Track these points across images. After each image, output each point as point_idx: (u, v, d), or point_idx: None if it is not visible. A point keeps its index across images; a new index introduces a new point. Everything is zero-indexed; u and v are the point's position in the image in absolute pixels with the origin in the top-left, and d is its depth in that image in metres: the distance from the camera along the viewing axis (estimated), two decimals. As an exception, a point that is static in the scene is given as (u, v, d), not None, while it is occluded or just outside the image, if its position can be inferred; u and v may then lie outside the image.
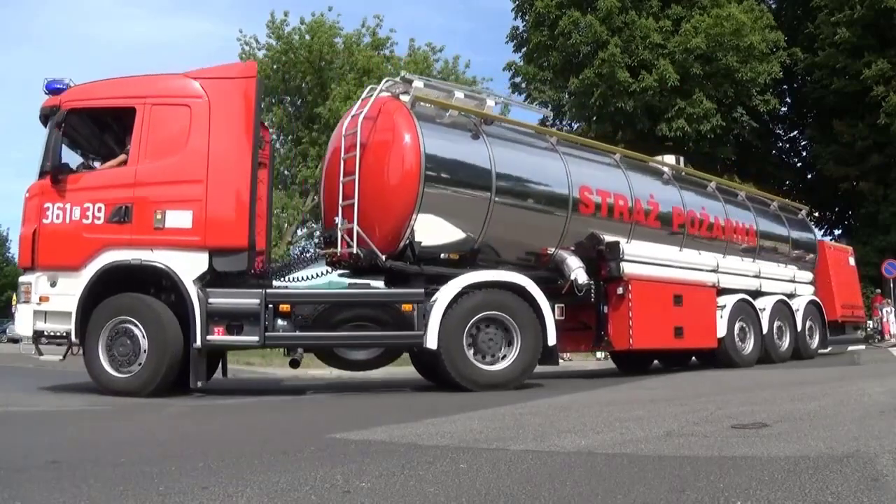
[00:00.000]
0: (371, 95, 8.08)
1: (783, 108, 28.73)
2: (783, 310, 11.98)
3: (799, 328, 12.26)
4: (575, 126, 26.32)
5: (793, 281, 12.69)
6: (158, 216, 6.86)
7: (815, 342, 12.94)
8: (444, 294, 7.31)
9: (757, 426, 4.24)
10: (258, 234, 7.72)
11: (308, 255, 8.68)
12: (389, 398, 8.01)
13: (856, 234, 27.71)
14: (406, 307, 7.36)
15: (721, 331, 10.50)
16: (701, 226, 10.88)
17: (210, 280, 7.04)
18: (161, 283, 6.99)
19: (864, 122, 24.04)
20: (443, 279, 7.51)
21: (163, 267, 6.84)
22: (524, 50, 26.69)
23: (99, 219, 6.86)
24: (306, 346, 7.56)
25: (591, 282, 8.93)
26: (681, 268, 10.11)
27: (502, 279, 7.64)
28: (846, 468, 3.01)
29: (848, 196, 26.93)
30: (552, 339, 7.66)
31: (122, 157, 7.21)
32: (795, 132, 31.15)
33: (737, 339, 10.83)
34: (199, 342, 6.77)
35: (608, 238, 9.17)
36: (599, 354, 18.87)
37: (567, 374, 12.54)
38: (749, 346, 11.07)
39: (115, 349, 6.86)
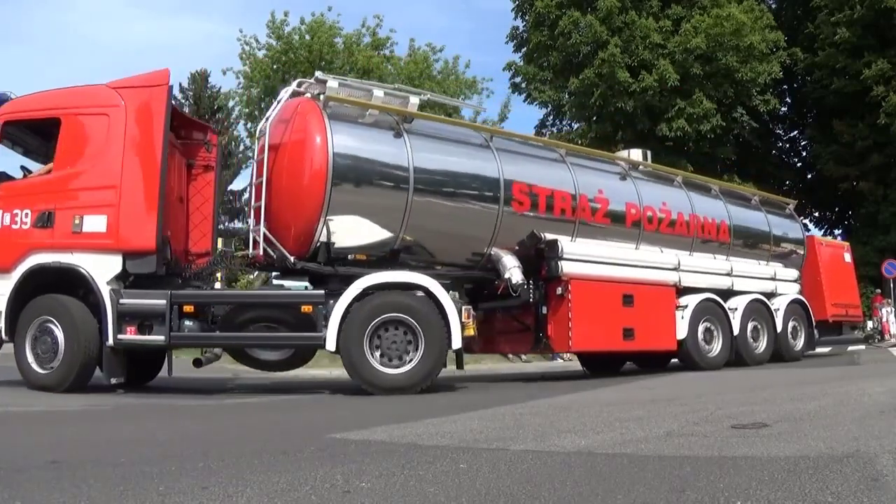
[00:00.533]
0: (283, 98, 8.19)
1: (783, 108, 28.74)
2: (760, 310, 11.35)
3: (779, 329, 11.61)
4: (575, 126, 26.33)
5: (773, 279, 12.07)
6: (77, 221, 7.18)
7: (800, 343, 12.26)
8: (345, 296, 7.19)
9: (757, 426, 4.24)
10: (203, 236, 8.14)
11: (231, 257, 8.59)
12: (389, 398, 8.00)
13: (856, 234, 27.71)
14: (306, 308, 7.34)
15: (681, 332, 9.98)
16: (661, 222, 10.39)
17: (138, 281, 7.31)
18: (80, 284, 7.25)
19: (864, 122, 24.05)
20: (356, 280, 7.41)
21: (78, 269, 7.13)
22: (524, 50, 26.69)
23: (26, 224, 7.24)
24: (211, 346, 7.76)
25: (525, 281, 8.51)
26: (633, 266, 9.63)
27: (403, 280, 7.41)
28: (846, 468, 3.01)
29: (848, 196, 26.95)
30: (457, 342, 7.31)
31: (49, 165, 7.59)
32: (795, 132, 31.19)
33: (701, 340, 10.30)
34: (111, 341, 7.05)
35: (550, 236, 8.84)
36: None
37: (567, 375, 12.54)
38: (716, 347, 10.52)
39: (38, 347, 7.22)
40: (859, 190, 25.53)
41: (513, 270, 8.36)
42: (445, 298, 7.32)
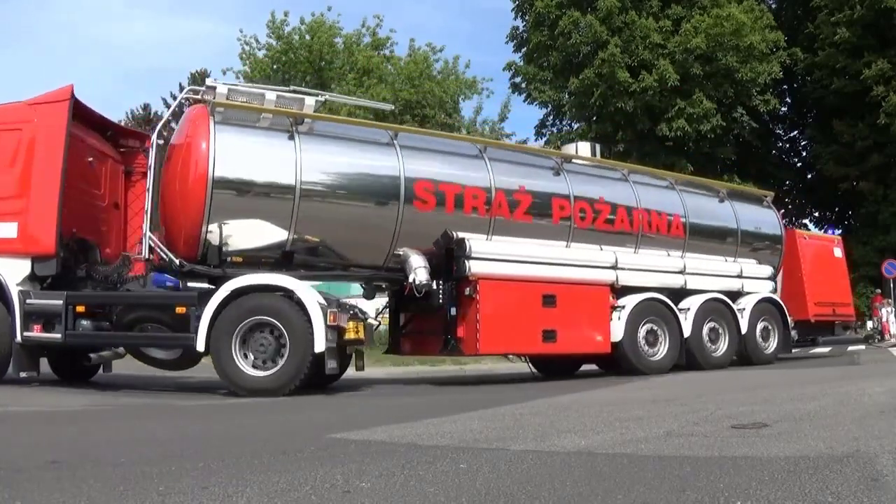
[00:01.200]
0: (174, 105, 8.53)
1: (783, 108, 28.73)
2: (719, 310, 10.62)
3: (744, 330, 10.82)
4: (575, 126, 26.33)
5: (739, 276, 11.33)
6: None
7: (773, 345, 11.43)
8: (214, 298, 7.24)
9: (757, 426, 4.24)
10: (126, 240, 8.61)
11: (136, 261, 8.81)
12: (389, 398, 8.01)
13: (856, 234, 27.70)
14: (180, 309, 7.50)
15: (617, 334, 9.37)
16: (597, 218, 9.85)
17: (57, 283, 7.70)
18: None
19: (864, 122, 24.04)
20: None
21: None
22: (524, 50, 26.69)
23: None
24: (103, 344, 8.14)
25: (430, 282, 8.25)
26: (555, 265, 9.13)
27: (266, 282, 7.40)
28: (846, 468, 3.01)
29: (848, 196, 26.95)
30: (319, 346, 7.17)
31: None
32: (795, 132, 31.18)
33: (642, 343, 9.65)
34: (19, 337, 7.46)
35: (462, 235, 8.55)
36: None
37: (566, 375, 12.54)
38: (661, 350, 9.83)
39: None
40: (859, 190, 25.53)
41: (418, 270, 8.19)
42: (310, 301, 7.24)
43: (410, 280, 8.18)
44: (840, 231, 30.98)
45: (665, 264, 10.47)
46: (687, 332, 10.05)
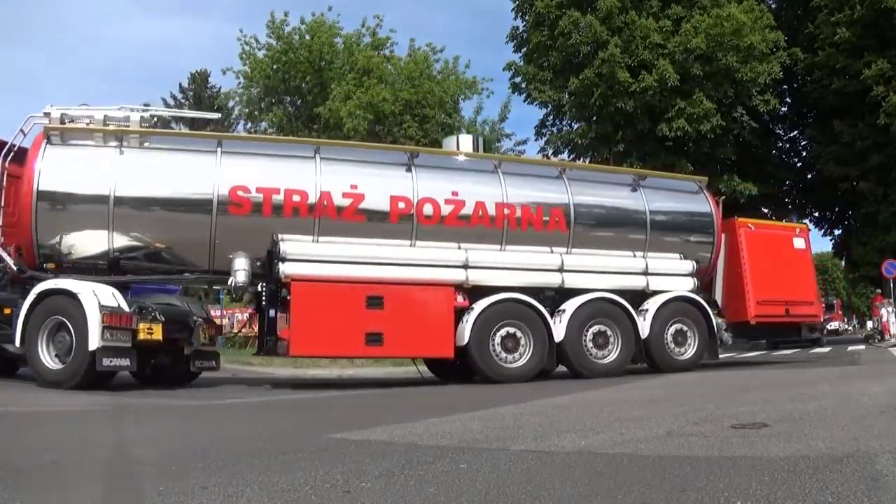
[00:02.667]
0: (23, 127, 8.92)
1: (783, 108, 28.68)
2: (608, 310, 9.57)
3: (645, 333, 9.67)
4: (575, 126, 26.32)
5: (645, 273, 10.09)
6: None
7: (690, 350, 10.09)
8: (27, 300, 7.84)
9: (757, 426, 4.24)
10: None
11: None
12: (389, 398, 8.02)
13: (856, 234, 27.69)
14: (7, 310, 8.16)
15: (464, 337, 8.72)
16: (447, 216, 9.25)
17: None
18: None
19: (864, 122, 24.02)
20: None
21: None
22: (524, 50, 26.67)
23: None
24: None
25: (246, 283, 8.39)
26: (384, 265, 8.73)
27: (59, 286, 7.89)
28: (846, 468, 3.01)
29: (848, 196, 26.92)
30: (93, 344, 7.46)
31: None
32: (795, 132, 31.14)
33: (497, 347, 8.87)
34: None
35: (287, 237, 8.53)
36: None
37: (567, 375, 12.54)
38: (524, 356, 8.99)
39: None
40: (859, 190, 25.50)
41: (237, 273, 8.31)
42: (88, 302, 7.60)
43: (230, 282, 8.41)
44: (840, 231, 31.11)
45: (535, 262, 9.54)
46: (560, 335, 9.17)
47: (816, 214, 31.34)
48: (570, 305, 9.36)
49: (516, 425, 4.77)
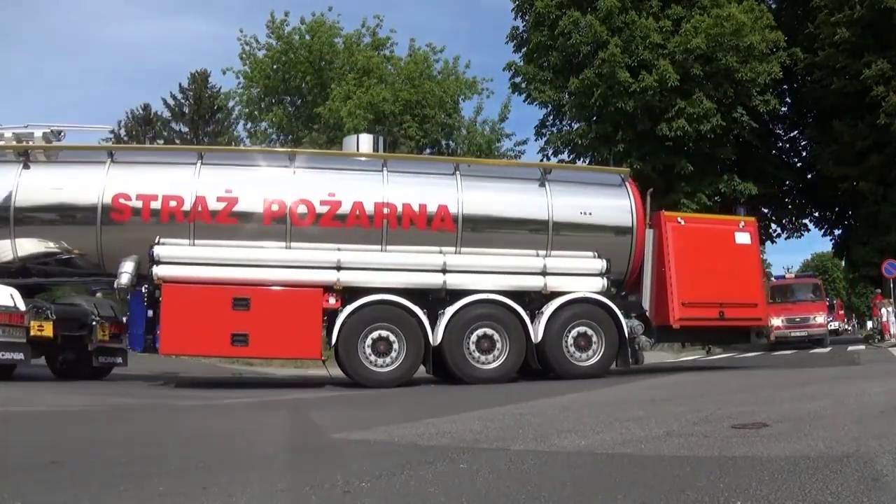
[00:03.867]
0: None
1: (783, 108, 28.69)
2: (493, 314, 9.08)
3: (537, 337, 9.10)
4: (575, 126, 26.32)
5: (543, 273, 9.42)
6: None
7: (596, 356, 9.38)
8: None
9: (757, 426, 4.24)
10: None
11: None
12: (389, 398, 8.01)
13: (856, 234, 27.69)
14: None
15: (333, 339, 8.68)
16: (322, 216, 9.14)
17: None
18: None
19: (864, 122, 24.02)
20: None
21: None
22: (524, 50, 26.68)
23: None
24: None
25: (127, 285, 8.72)
26: (251, 266, 8.79)
27: None
28: (846, 468, 3.01)
29: (848, 196, 26.92)
30: None
31: None
32: (795, 132, 31.15)
33: (368, 351, 8.69)
34: None
35: (161, 241, 8.80)
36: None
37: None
38: (396, 360, 8.74)
39: None
40: (859, 190, 25.50)
41: (121, 275, 8.71)
42: None
43: (115, 284, 8.85)
44: (840, 231, 31.12)
45: (415, 262, 9.20)
46: (437, 338, 8.82)
47: (816, 214, 31.36)
48: (452, 308, 8.95)
49: (516, 425, 4.77)
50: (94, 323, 9.27)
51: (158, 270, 8.53)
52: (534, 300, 9.36)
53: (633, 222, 10.12)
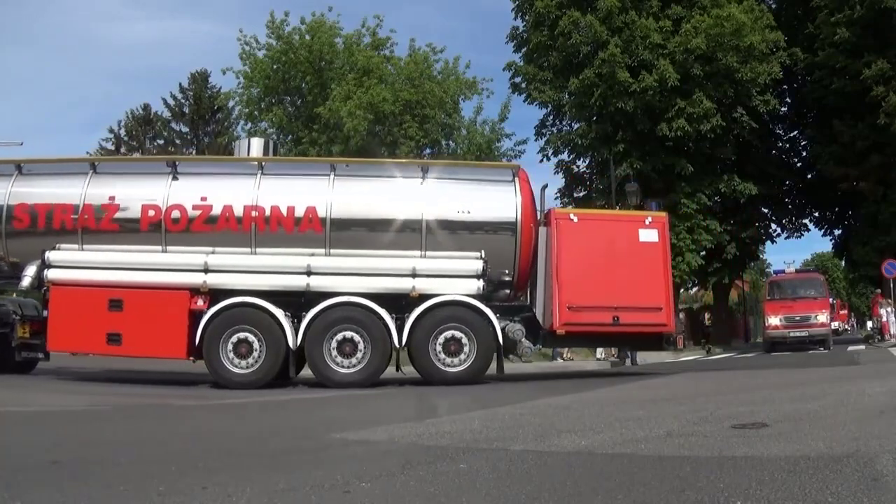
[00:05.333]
0: None
1: (783, 108, 28.68)
2: (356, 316, 8.88)
3: (402, 341, 8.92)
4: (575, 126, 26.31)
5: (412, 275, 9.14)
6: None
7: (467, 362, 9.04)
8: None
9: (757, 426, 4.24)
10: None
11: None
12: (389, 398, 8.02)
13: (856, 234, 27.69)
14: None
15: (198, 340, 8.71)
16: (193, 220, 9.29)
17: None
18: None
19: (864, 122, 24.02)
20: None
21: None
22: (524, 50, 26.66)
23: None
24: None
25: (28, 287, 9.32)
26: (124, 270, 9.09)
27: None
28: (846, 468, 3.01)
29: (848, 196, 26.93)
30: None
31: None
32: (795, 132, 31.13)
33: (229, 353, 8.73)
34: None
35: (60, 246, 9.32)
36: (599, 354, 18.95)
37: (567, 374, 12.55)
38: (254, 362, 8.74)
39: None
40: (859, 190, 25.50)
41: (23, 278, 9.24)
42: None
43: (19, 286, 9.44)
44: (840, 231, 31.11)
45: (279, 264, 9.21)
46: (295, 341, 8.79)
47: (816, 214, 31.36)
48: (312, 311, 8.88)
49: (516, 425, 4.77)
50: (14, 321, 9.79)
51: (49, 274, 9.09)
52: (411, 303, 9.07)
53: (517, 220, 9.58)
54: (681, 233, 23.80)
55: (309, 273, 9.07)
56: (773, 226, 30.71)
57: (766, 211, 29.82)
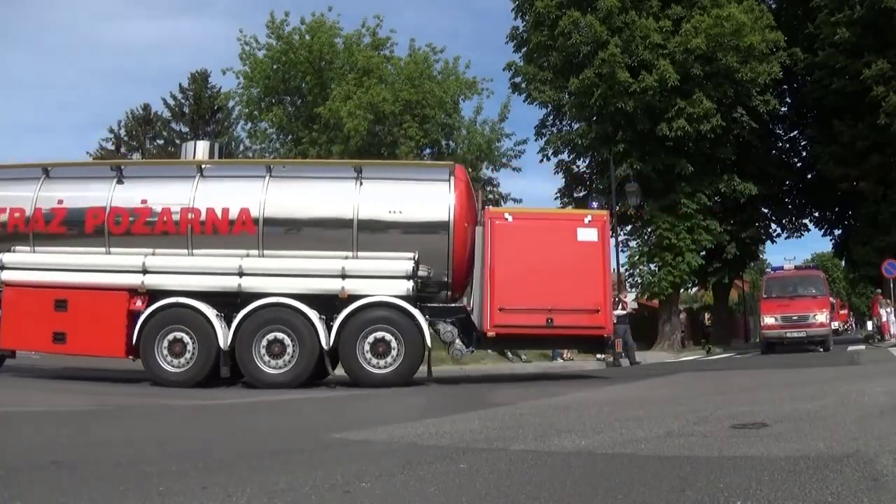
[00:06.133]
0: None
1: (783, 108, 28.64)
2: (285, 317, 8.95)
3: (329, 342, 8.89)
4: (575, 126, 26.29)
5: (342, 276, 9.15)
6: None
7: (395, 364, 8.98)
8: None
9: (757, 426, 4.24)
10: None
11: None
12: (389, 398, 8.02)
13: (856, 234, 27.67)
14: None
15: (134, 339, 8.98)
16: (134, 223, 9.53)
17: None
18: None
19: (864, 122, 24.00)
20: None
21: None
22: (524, 50, 26.64)
23: None
24: None
25: None
26: (68, 271, 9.39)
27: None
28: (846, 468, 3.01)
29: (848, 196, 26.91)
30: None
31: None
32: (795, 132, 31.10)
33: (163, 351, 8.95)
34: None
35: (15, 248, 9.66)
36: (599, 354, 18.95)
37: (567, 375, 12.55)
38: (188, 362, 8.96)
39: None
40: (859, 190, 25.48)
41: None
42: None
43: None
44: (840, 231, 31.10)
45: (212, 265, 9.34)
46: (224, 341, 8.89)
47: (816, 214, 31.34)
48: (242, 311, 8.97)
49: (516, 425, 4.77)
50: None
51: (2, 275, 9.48)
52: (342, 304, 9.09)
53: (449, 219, 9.48)
54: (681, 233, 23.79)
55: (241, 274, 9.22)
56: (773, 226, 30.71)
57: (766, 211, 29.81)
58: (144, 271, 9.27)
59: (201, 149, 11.09)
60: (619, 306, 18.23)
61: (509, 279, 9.44)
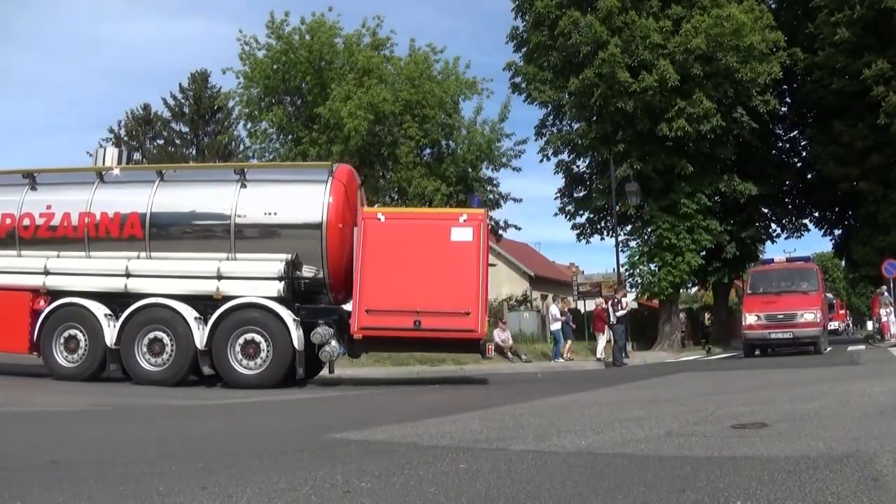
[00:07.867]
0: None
1: (783, 108, 28.63)
2: (164, 317, 9.23)
3: (201, 343, 9.09)
4: (575, 126, 26.28)
5: (217, 277, 9.37)
6: None
7: (264, 365, 9.02)
8: None
9: (757, 426, 4.24)
10: None
11: None
12: (389, 398, 8.02)
13: (856, 234, 27.65)
14: None
15: (35, 337, 9.52)
16: (39, 227, 10.08)
17: None
18: None
19: (864, 122, 23.99)
20: None
21: None
22: (524, 50, 26.63)
23: None
24: None
25: None
26: None
27: None
28: (846, 468, 3.01)
29: (848, 196, 26.90)
30: None
31: None
32: (795, 132, 31.07)
33: (59, 348, 9.49)
34: None
35: None
36: (599, 354, 18.97)
37: (567, 375, 12.55)
38: (80, 358, 9.43)
39: None
40: (859, 190, 25.46)
41: None
42: None
43: None
44: (840, 231, 31.08)
45: (103, 267, 9.77)
46: (111, 340, 9.24)
47: (816, 214, 31.32)
48: (125, 311, 9.36)
49: (516, 425, 4.77)
50: None
51: None
52: (218, 305, 9.25)
53: (322, 220, 9.49)
54: (681, 233, 23.80)
55: (128, 275, 9.66)
56: (773, 226, 30.68)
57: (766, 211, 29.79)
58: (46, 273, 9.82)
59: (110, 154, 11.48)
60: (620, 306, 18.26)
61: (377, 280, 9.35)
